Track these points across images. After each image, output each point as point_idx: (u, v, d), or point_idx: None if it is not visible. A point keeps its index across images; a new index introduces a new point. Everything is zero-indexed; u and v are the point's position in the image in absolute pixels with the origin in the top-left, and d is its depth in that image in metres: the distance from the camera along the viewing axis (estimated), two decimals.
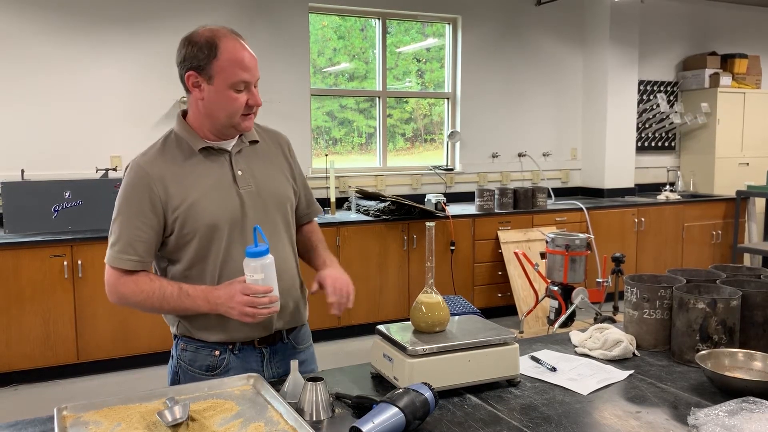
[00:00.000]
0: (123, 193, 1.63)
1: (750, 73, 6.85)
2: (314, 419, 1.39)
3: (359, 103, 5.71)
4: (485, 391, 1.54)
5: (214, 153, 1.67)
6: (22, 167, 4.31)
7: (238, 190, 1.66)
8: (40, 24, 4.41)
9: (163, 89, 4.75)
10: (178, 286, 1.60)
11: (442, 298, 1.60)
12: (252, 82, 1.60)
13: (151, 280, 1.62)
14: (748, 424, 1.26)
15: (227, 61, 1.56)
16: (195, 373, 1.70)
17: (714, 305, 1.67)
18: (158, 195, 1.60)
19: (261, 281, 1.52)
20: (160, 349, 4.25)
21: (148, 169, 1.62)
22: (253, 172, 1.70)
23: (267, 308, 1.53)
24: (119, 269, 1.61)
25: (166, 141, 1.69)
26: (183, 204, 1.60)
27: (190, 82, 1.61)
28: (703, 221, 6.11)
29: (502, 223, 5.26)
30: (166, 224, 1.62)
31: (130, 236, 1.59)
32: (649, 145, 6.78)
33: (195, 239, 1.62)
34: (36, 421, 1.40)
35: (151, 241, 1.61)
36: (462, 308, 4.23)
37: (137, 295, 1.60)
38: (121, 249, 1.60)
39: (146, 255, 1.61)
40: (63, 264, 3.94)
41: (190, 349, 1.70)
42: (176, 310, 1.61)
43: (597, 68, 6.25)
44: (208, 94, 1.60)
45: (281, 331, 1.75)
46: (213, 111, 1.62)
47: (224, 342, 1.68)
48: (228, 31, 1.61)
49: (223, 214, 1.62)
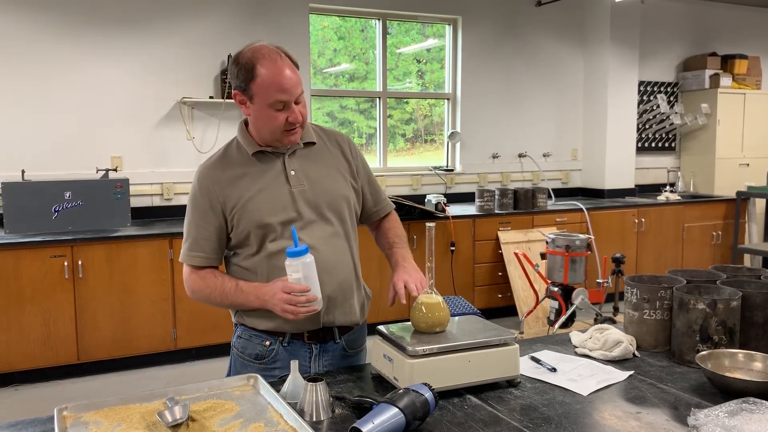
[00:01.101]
0: (190, 197, 1.77)
1: (750, 74, 6.85)
2: (314, 420, 1.39)
3: (359, 104, 5.71)
4: (485, 392, 1.54)
5: (268, 156, 1.76)
6: (22, 167, 4.31)
7: (290, 189, 1.73)
8: (41, 24, 4.42)
9: (164, 90, 4.75)
10: (235, 282, 1.72)
11: (442, 298, 1.61)
12: (290, 101, 1.65)
13: (215, 276, 1.74)
14: (748, 424, 1.26)
15: (264, 83, 1.63)
16: (245, 360, 1.78)
17: (714, 306, 1.67)
18: (216, 197, 1.72)
19: (300, 280, 1.58)
20: (160, 350, 4.26)
21: (209, 174, 1.74)
22: (306, 172, 1.76)
23: (305, 306, 1.59)
24: (190, 266, 1.75)
25: (228, 147, 1.80)
26: (238, 204, 1.71)
27: (237, 99, 1.71)
28: (704, 222, 6.11)
29: (503, 224, 5.26)
30: (226, 222, 1.73)
31: (196, 236, 1.74)
32: (649, 146, 6.79)
33: (250, 236, 1.72)
34: (36, 421, 1.40)
35: (214, 239, 1.74)
36: (462, 309, 4.23)
37: (204, 291, 1.74)
38: (190, 247, 1.74)
39: (212, 252, 1.75)
40: (63, 264, 3.94)
41: (244, 337, 1.79)
42: (234, 304, 1.75)
43: (597, 69, 6.25)
44: (252, 111, 1.70)
45: (333, 330, 1.78)
46: (258, 126, 1.72)
47: (274, 332, 1.75)
48: (270, 51, 1.66)
49: (273, 211, 1.70)
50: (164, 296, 4.21)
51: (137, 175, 4.70)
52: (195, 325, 4.29)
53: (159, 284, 4.19)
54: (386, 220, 1.98)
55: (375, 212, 1.95)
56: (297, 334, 1.75)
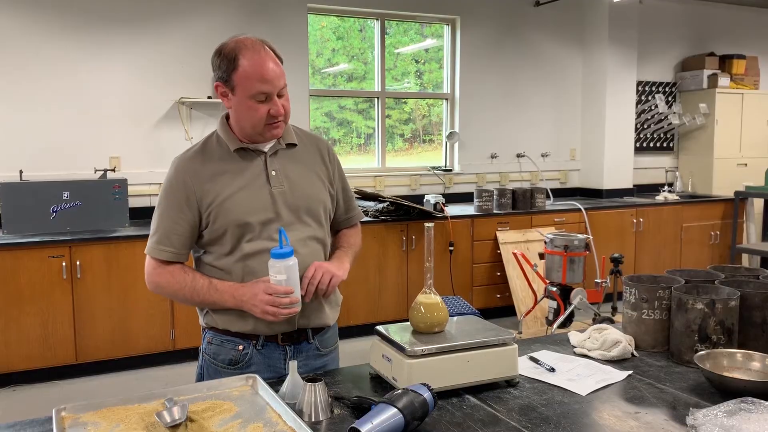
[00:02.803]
0: (163, 188, 1.72)
1: (748, 74, 6.86)
2: (313, 420, 1.39)
3: (358, 104, 5.71)
4: (484, 392, 1.54)
5: (250, 153, 1.73)
6: (20, 168, 4.31)
7: (270, 189, 1.71)
8: (39, 25, 4.41)
9: (162, 90, 4.75)
10: (208, 280, 1.68)
11: (440, 298, 1.61)
12: (272, 93, 1.63)
13: (185, 272, 1.70)
14: (747, 424, 1.27)
15: (246, 73, 1.61)
16: (218, 366, 1.74)
17: (713, 306, 1.68)
18: (193, 191, 1.67)
19: (284, 282, 1.57)
20: (158, 350, 4.25)
21: (186, 167, 1.70)
22: (287, 173, 1.74)
23: (287, 308, 1.59)
24: (156, 259, 1.70)
25: (208, 141, 1.76)
26: (216, 200, 1.67)
27: (218, 91, 1.68)
28: (702, 222, 6.12)
29: (501, 224, 5.27)
30: (200, 219, 1.69)
31: (167, 229, 1.68)
32: (647, 146, 6.79)
33: (226, 234, 1.68)
34: (35, 422, 1.40)
35: (186, 235, 1.69)
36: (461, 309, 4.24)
37: (171, 285, 1.69)
38: (159, 240, 1.69)
39: (181, 248, 1.70)
40: (61, 265, 3.94)
41: (215, 343, 1.75)
42: (205, 302, 1.69)
43: (596, 69, 6.25)
44: (233, 103, 1.67)
45: (307, 331, 1.77)
46: (239, 119, 1.69)
47: (248, 336, 1.71)
48: (253, 42, 1.64)
49: (253, 211, 1.68)
50: (163, 297, 4.19)
51: (135, 175, 4.69)
52: (193, 325, 4.29)
53: None
54: (349, 227, 1.97)
55: (345, 220, 1.94)
56: (271, 336, 1.72)
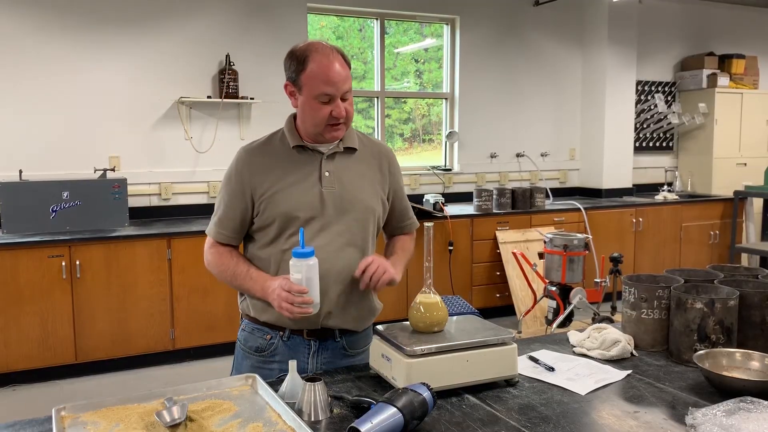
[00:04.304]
0: (226, 175, 1.82)
1: (747, 74, 6.87)
2: (313, 419, 1.39)
3: (358, 104, 5.71)
4: (483, 391, 1.54)
5: (308, 152, 1.79)
6: (20, 167, 4.30)
7: (321, 189, 1.75)
8: (39, 24, 4.41)
9: (162, 90, 4.75)
10: (248, 267, 1.77)
11: (440, 298, 1.61)
12: (336, 95, 1.69)
13: (231, 256, 1.80)
14: (746, 423, 1.27)
15: (313, 73, 1.68)
16: (246, 352, 1.84)
17: (712, 305, 1.68)
18: (249, 182, 1.76)
19: (301, 281, 1.60)
20: (158, 350, 4.25)
21: (247, 158, 1.79)
22: (340, 176, 1.78)
23: (300, 308, 1.60)
24: (213, 239, 1.82)
25: (273, 136, 1.84)
26: (267, 192, 1.75)
27: (287, 90, 1.77)
28: (701, 221, 6.12)
29: (501, 224, 5.27)
30: (253, 207, 1.77)
31: (222, 215, 1.80)
32: (647, 146, 6.79)
33: (273, 225, 1.75)
34: (34, 421, 1.40)
35: (238, 220, 1.79)
36: (460, 308, 4.24)
37: (218, 266, 1.81)
38: (216, 223, 1.81)
39: (233, 232, 1.80)
40: (61, 264, 3.94)
41: (247, 330, 1.85)
42: (242, 287, 1.79)
43: (595, 69, 6.25)
44: (299, 102, 1.74)
45: (333, 330, 1.80)
46: (303, 118, 1.76)
47: (275, 326, 1.79)
48: (324, 46, 1.71)
49: (301, 207, 1.73)
50: (162, 296, 4.20)
51: (135, 174, 4.69)
52: (193, 325, 4.29)
53: (157, 284, 4.18)
54: (404, 234, 2.03)
55: (399, 228, 2.00)
56: (296, 330, 1.78)
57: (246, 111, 4.95)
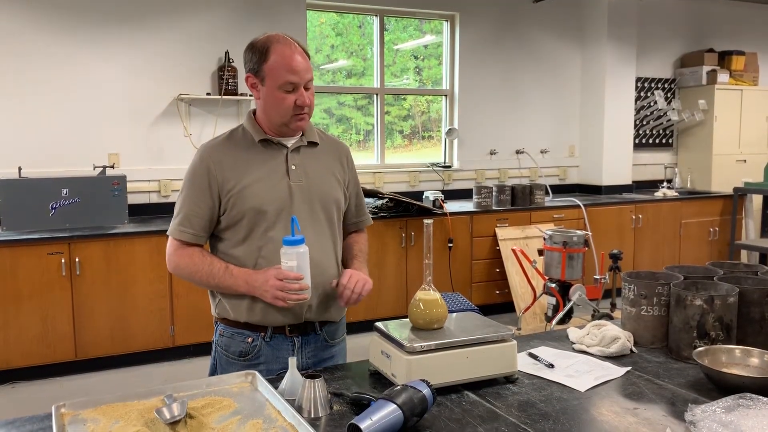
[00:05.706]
0: (188, 173, 1.79)
1: (747, 70, 6.86)
2: (312, 416, 1.39)
3: (357, 101, 5.70)
4: (483, 388, 1.54)
5: (273, 146, 1.80)
6: (19, 164, 4.30)
7: (289, 182, 1.77)
8: (38, 21, 4.40)
9: (161, 87, 4.74)
10: (225, 264, 1.74)
11: (440, 295, 1.61)
12: (299, 84, 1.72)
13: (203, 255, 1.77)
14: (745, 420, 1.27)
15: (275, 63, 1.70)
16: (230, 358, 1.81)
17: (711, 302, 1.68)
18: (215, 177, 1.74)
19: (294, 268, 1.61)
20: (158, 347, 4.25)
21: (210, 154, 1.77)
22: (306, 169, 1.81)
23: (297, 294, 1.62)
24: (177, 240, 1.79)
25: (234, 131, 1.84)
26: (235, 187, 1.74)
27: (248, 83, 1.77)
28: (701, 218, 6.12)
29: (500, 221, 5.27)
30: (220, 204, 1.76)
31: (188, 212, 1.77)
32: (646, 142, 6.79)
33: (242, 221, 1.75)
34: (34, 418, 1.40)
35: (205, 218, 1.77)
36: (460, 305, 4.24)
37: (189, 267, 1.77)
38: (180, 222, 1.77)
39: (201, 231, 1.78)
40: (61, 261, 3.94)
41: (226, 335, 1.82)
42: (220, 286, 1.75)
43: (595, 65, 6.25)
44: (262, 94, 1.75)
45: (314, 323, 1.82)
46: (267, 110, 1.76)
47: (256, 327, 1.77)
48: (283, 37, 1.75)
49: (270, 201, 1.74)
50: (162, 293, 4.20)
51: (134, 171, 4.69)
52: (193, 322, 4.29)
53: (157, 281, 4.18)
54: (358, 232, 2.04)
55: (354, 223, 2.01)
56: (278, 328, 1.78)
57: (245, 108, 4.94)
